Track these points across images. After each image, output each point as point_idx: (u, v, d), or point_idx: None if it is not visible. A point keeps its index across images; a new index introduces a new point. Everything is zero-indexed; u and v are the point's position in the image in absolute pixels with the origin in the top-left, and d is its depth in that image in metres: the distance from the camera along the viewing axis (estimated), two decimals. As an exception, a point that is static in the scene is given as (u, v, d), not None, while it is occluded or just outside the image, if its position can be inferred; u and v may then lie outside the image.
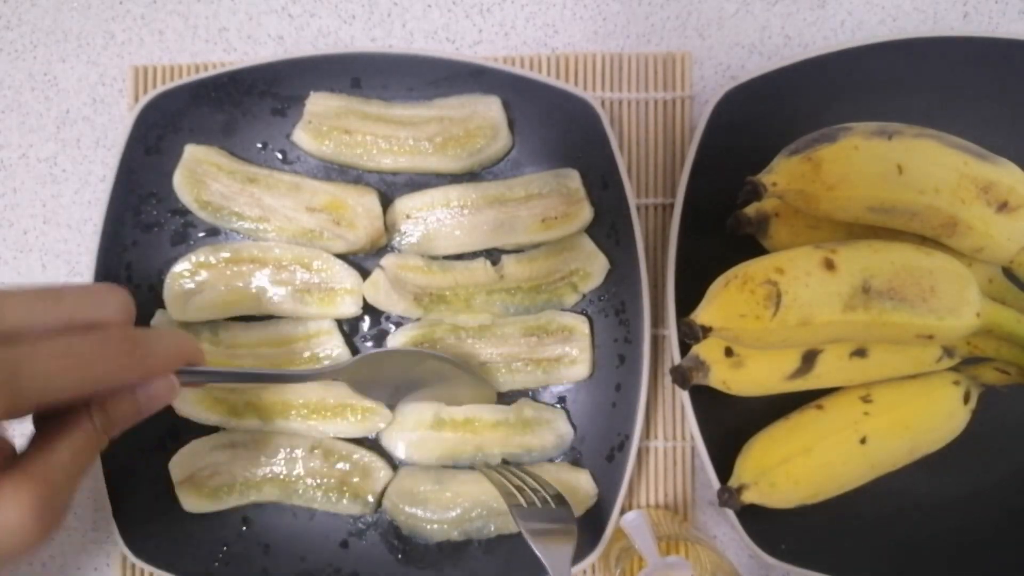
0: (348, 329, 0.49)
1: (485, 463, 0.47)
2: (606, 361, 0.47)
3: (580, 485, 0.46)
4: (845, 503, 0.43)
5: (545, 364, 0.47)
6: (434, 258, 0.48)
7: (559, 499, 0.42)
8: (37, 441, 0.31)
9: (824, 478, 0.42)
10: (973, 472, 0.46)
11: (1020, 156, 0.39)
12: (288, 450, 0.47)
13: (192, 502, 0.47)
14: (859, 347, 0.41)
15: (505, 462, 0.47)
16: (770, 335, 0.35)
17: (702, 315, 0.36)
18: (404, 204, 0.48)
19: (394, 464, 0.48)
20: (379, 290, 0.47)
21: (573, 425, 0.48)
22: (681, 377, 0.42)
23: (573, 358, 0.47)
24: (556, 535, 0.40)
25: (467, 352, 0.47)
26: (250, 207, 0.47)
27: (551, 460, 0.47)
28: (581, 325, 0.47)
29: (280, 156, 0.49)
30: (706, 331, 0.36)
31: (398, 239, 0.48)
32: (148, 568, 0.46)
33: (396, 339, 0.48)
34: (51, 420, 0.32)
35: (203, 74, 0.48)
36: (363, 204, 0.47)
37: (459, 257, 0.49)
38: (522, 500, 0.41)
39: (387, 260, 0.48)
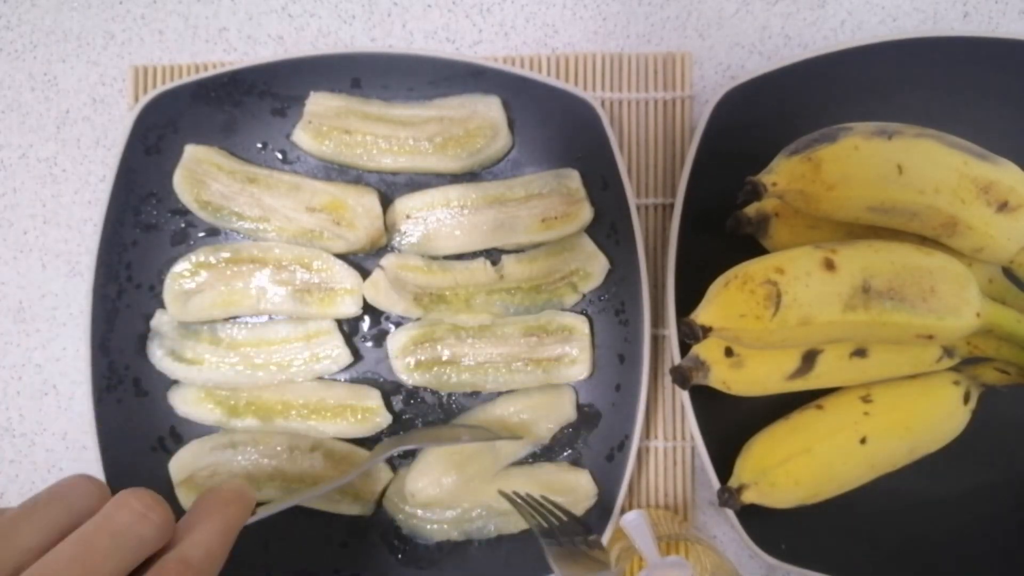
0: (348, 329, 0.49)
1: (514, 492, 0.45)
2: (606, 361, 0.47)
3: (580, 485, 0.46)
4: (845, 503, 0.43)
5: (545, 364, 0.47)
6: (434, 258, 0.48)
7: (587, 532, 0.41)
8: None
9: (824, 478, 0.42)
10: (973, 472, 0.46)
11: (1020, 156, 0.39)
12: (288, 450, 0.47)
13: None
14: (859, 347, 0.41)
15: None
16: (770, 335, 0.35)
17: (702, 315, 0.36)
18: (404, 204, 0.48)
19: (394, 465, 0.48)
20: (379, 290, 0.47)
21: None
22: (681, 377, 0.42)
23: (573, 358, 0.47)
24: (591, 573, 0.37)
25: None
26: (250, 207, 0.47)
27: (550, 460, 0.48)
28: (581, 325, 0.47)
29: (280, 156, 0.49)
30: (706, 331, 0.36)
31: (398, 239, 0.48)
32: (148, 568, 0.46)
33: (396, 339, 0.48)
34: None
35: (203, 74, 0.48)
36: (363, 204, 0.47)
37: (459, 257, 0.49)
38: (556, 537, 0.39)
39: (387, 260, 0.48)
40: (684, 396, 0.45)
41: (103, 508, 0.27)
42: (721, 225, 0.44)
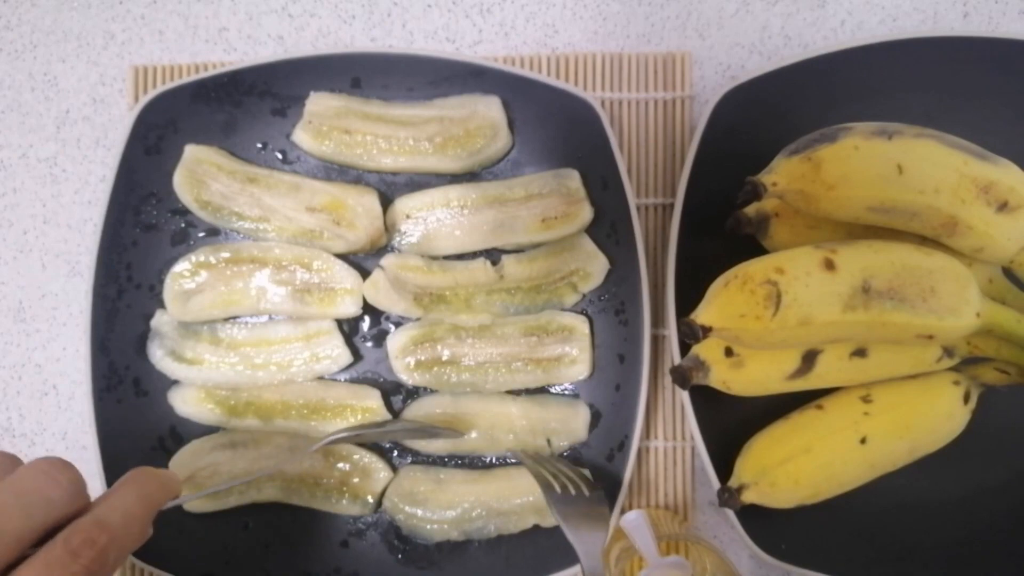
0: (348, 329, 0.49)
1: (522, 449, 0.47)
2: (606, 361, 0.47)
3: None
4: (845, 503, 0.43)
5: (545, 364, 0.47)
6: (434, 258, 0.48)
7: (592, 486, 0.43)
8: None
9: (824, 478, 0.42)
10: (973, 472, 0.46)
11: (1020, 156, 0.39)
12: (288, 450, 0.47)
13: (192, 502, 0.47)
14: (859, 347, 0.41)
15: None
16: (770, 335, 0.35)
17: (702, 315, 0.36)
18: (404, 204, 0.48)
19: (394, 465, 0.48)
20: (379, 290, 0.47)
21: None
22: (681, 377, 0.42)
23: (573, 358, 0.47)
24: (588, 521, 0.41)
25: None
26: (250, 207, 0.47)
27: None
28: (581, 325, 0.47)
29: (280, 156, 0.49)
30: (706, 331, 0.36)
31: (398, 239, 0.48)
32: (148, 568, 0.46)
33: (396, 339, 0.48)
34: None
35: (203, 74, 0.48)
36: (363, 204, 0.47)
37: (459, 257, 0.49)
38: (556, 486, 0.42)
39: (387, 260, 0.48)
40: (684, 396, 0.45)
41: (14, 472, 0.28)
42: (721, 225, 0.44)
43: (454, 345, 0.47)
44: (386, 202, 0.48)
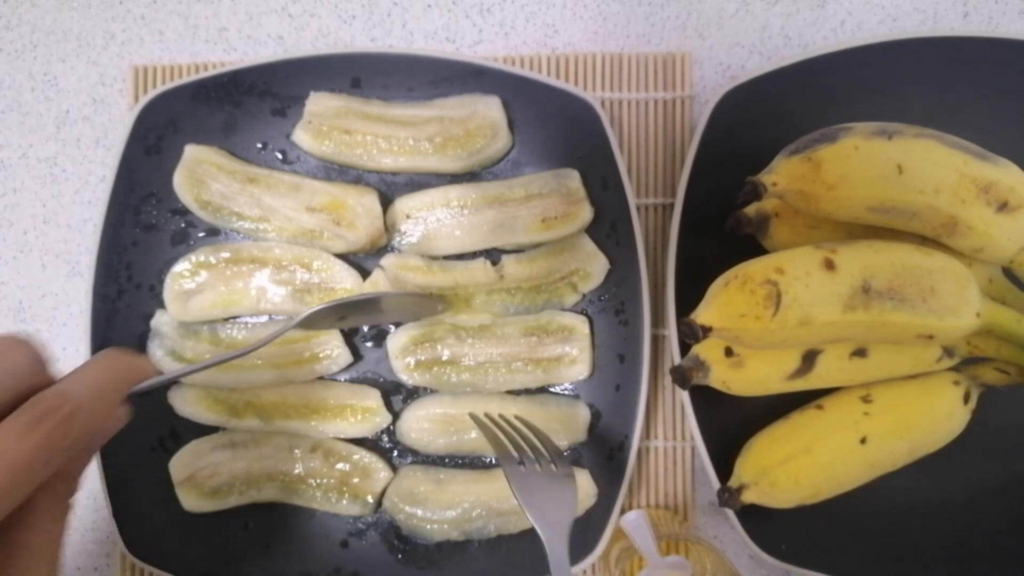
0: (348, 329, 0.49)
1: (485, 414, 0.44)
2: (606, 361, 0.47)
3: (580, 485, 0.46)
4: (845, 503, 0.43)
5: (545, 364, 0.47)
6: (434, 258, 0.48)
7: (562, 460, 0.40)
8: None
9: (824, 478, 0.42)
10: (973, 472, 0.46)
11: (1020, 156, 0.39)
12: (288, 450, 0.47)
13: (192, 502, 0.47)
14: (859, 347, 0.41)
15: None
16: (770, 335, 0.35)
17: (702, 315, 0.36)
18: (404, 204, 0.48)
19: (394, 465, 0.48)
20: (379, 290, 0.47)
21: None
22: (681, 377, 0.42)
23: (573, 358, 0.47)
24: (553, 498, 0.37)
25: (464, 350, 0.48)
26: (250, 207, 0.47)
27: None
28: (581, 325, 0.47)
29: (280, 156, 0.49)
30: (706, 331, 0.36)
31: (398, 239, 0.48)
32: (148, 568, 0.46)
33: (396, 339, 0.48)
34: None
35: (203, 74, 0.48)
36: (363, 204, 0.47)
37: (459, 257, 0.49)
38: (516, 455, 0.38)
39: (387, 260, 0.48)
40: (684, 396, 0.45)
41: None
42: (721, 225, 0.44)
43: (454, 345, 0.47)
44: (386, 202, 0.48)
